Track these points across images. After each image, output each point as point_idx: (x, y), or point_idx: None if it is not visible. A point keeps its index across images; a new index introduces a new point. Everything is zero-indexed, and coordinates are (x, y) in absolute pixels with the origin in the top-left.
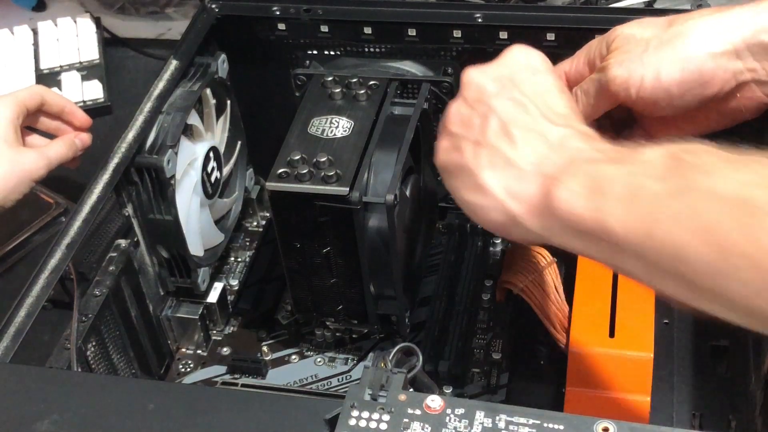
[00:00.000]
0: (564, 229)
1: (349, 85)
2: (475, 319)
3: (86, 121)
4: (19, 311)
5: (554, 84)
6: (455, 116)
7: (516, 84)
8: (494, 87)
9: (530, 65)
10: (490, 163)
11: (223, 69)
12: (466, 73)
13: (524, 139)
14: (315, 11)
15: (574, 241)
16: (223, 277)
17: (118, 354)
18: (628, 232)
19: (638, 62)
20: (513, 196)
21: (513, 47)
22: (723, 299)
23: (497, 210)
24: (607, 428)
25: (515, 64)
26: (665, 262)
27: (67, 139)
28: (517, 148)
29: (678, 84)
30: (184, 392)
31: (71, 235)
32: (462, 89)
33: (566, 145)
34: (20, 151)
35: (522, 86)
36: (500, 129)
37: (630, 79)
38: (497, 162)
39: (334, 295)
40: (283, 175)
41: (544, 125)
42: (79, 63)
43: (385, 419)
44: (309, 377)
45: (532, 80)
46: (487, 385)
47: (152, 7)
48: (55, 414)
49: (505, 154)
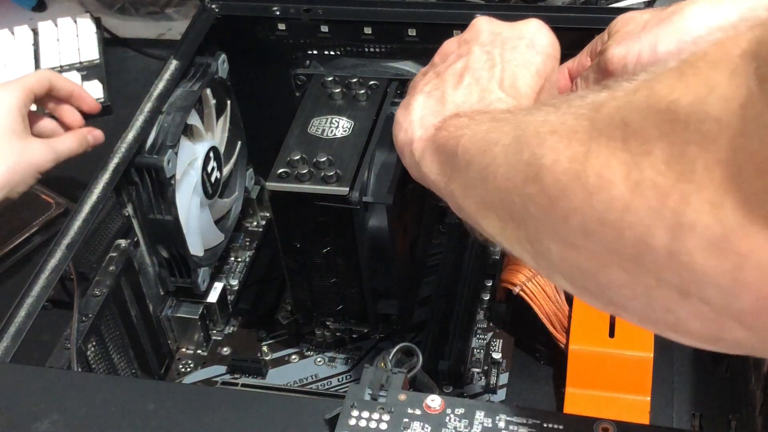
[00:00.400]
0: (428, 154)
1: (349, 85)
2: (475, 319)
3: (95, 106)
4: (19, 311)
5: (537, 65)
6: (443, 48)
7: (504, 47)
8: (486, 39)
9: (531, 40)
10: (429, 92)
11: (223, 69)
12: (477, 17)
13: (466, 88)
14: (315, 11)
15: (432, 167)
16: (223, 277)
17: (118, 354)
18: (465, 152)
19: (636, 39)
20: (421, 125)
21: (532, 21)
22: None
23: (404, 131)
24: (607, 428)
25: (521, 33)
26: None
27: (79, 135)
28: (455, 91)
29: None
30: (184, 392)
31: (71, 235)
32: (467, 28)
33: (492, 105)
34: (28, 142)
35: (506, 51)
36: (459, 71)
37: (628, 55)
38: (434, 94)
39: (333, 295)
40: (283, 175)
41: (492, 86)
42: (79, 63)
43: (385, 419)
44: (309, 377)
45: (519, 51)
46: (487, 385)
47: (152, 7)
48: (55, 414)
49: (444, 90)
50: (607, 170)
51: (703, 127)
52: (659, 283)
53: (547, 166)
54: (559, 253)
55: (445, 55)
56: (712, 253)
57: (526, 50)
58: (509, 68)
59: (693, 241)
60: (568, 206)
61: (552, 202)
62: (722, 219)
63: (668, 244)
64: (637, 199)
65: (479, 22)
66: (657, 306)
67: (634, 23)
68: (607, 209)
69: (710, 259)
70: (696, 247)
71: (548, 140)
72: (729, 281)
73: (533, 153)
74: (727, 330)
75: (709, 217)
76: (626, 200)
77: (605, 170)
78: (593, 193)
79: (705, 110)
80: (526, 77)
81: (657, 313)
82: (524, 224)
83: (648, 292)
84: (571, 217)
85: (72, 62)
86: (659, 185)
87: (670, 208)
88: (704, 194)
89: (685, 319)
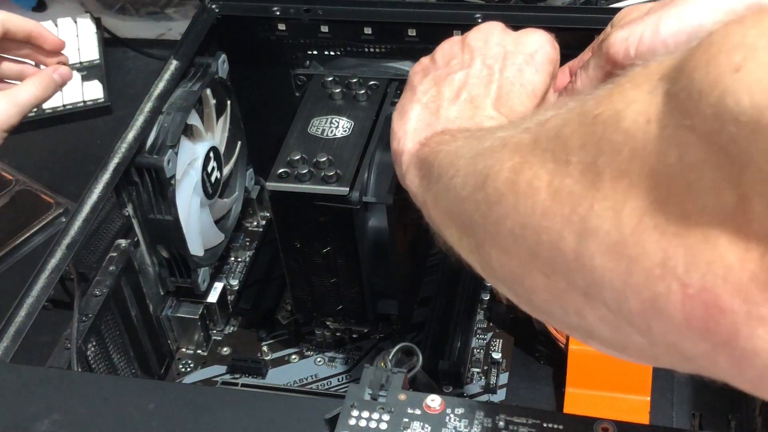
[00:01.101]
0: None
1: (349, 85)
2: (475, 319)
3: (57, 43)
4: (19, 311)
5: (534, 84)
6: (447, 46)
7: (507, 62)
8: (490, 50)
9: (534, 57)
10: (426, 103)
11: (223, 69)
12: (490, 22)
13: (462, 103)
14: (315, 11)
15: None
16: (223, 277)
17: (118, 354)
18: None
19: (639, 22)
20: (412, 138)
21: (538, 33)
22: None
23: (397, 141)
24: (607, 428)
25: (526, 47)
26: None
27: (41, 78)
28: (451, 106)
29: (675, 35)
30: (184, 392)
31: (71, 235)
32: (473, 29)
33: (482, 125)
34: None
35: (508, 67)
36: (457, 85)
37: (630, 37)
38: (431, 106)
39: (334, 295)
40: (283, 175)
41: (486, 104)
42: (79, 63)
43: (385, 419)
44: (309, 377)
45: (520, 69)
46: (487, 385)
47: (152, 7)
48: (55, 414)
49: (440, 104)
50: (535, 179)
51: (613, 138)
52: (569, 286)
53: (492, 176)
54: (497, 259)
55: (446, 56)
56: (609, 256)
57: (526, 67)
58: (506, 86)
59: (594, 245)
60: (501, 211)
61: (490, 208)
62: (620, 225)
63: (575, 248)
64: (554, 205)
65: (487, 29)
66: (570, 310)
67: (637, 11)
68: (530, 214)
69: (607, 262)
70: (596, 252)
71: (498, 152)
72: (620, 284)
73: (485, 164)
74: (626, 335)
75: (609, 223)
76: (546, 206)
77: (534, 179)
78: (521, 199)
79: (618, 123)
80: (522, 97)
81: (572, 318)
82: (473, 232)
83: (562, 296)
84: (502, 222)
85: (72, 62)
86: (573, 193)
87: (578, 214)
88: (608, 202)
89: (594, 323)
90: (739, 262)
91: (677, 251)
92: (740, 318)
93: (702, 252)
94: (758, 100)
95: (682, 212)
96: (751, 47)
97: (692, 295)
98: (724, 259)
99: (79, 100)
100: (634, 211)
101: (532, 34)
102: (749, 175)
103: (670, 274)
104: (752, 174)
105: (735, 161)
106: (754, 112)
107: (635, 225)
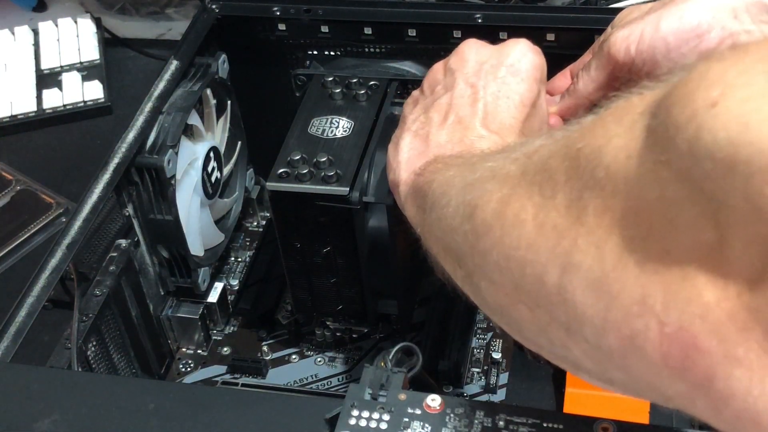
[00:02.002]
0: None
1: (349, 85)
2: (475, 319)
3: None
4: (20, 311)
5: (520, 94)
6: (431, 74)
7: (489, 77)
8: (472, 68)
9: (516, 69)
10: (416, 131)
11: (223, 69)
12: (466, 41)
13: (450, 127)
14: (315, 11)
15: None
16: (223, 277)
17: (118, 354)
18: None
19: (639, 21)
20: (406, 168)
21: (518, 42)
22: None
23: (393, 172)
24: (607, 428)
25: (506, 58)
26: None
27: None
28: (440, 131)
29: (675, 32)
30: (184, 392)
31: (71, 235)
32: (453, 52)
33: (473, 145)
34: None
35: (491, 82)
36: (444, 108)
37: (630, 36)
38: (420, 133)
39: (334, 295)
40: (283, 175)
41: (475, 124)
42: (79, 63)
43: (385, 419)
44: (309, 377)
45: (504, 81)
46: (487, 385)
47: (152, 7)
48: (55, 414)
49: (429, 130)
50: (522, 211)
51: (596, 174)
52: (552, 320)
53: (481, 206)
54: (486, 289)
55: (432, 84)
56: (590, 292)
57: (510, 78)
58: (492, 103)
59: (576, 280)
60: (488, 243)
61: (478, 239)
62: (602, 260)
63: (558, 282)
64: (539, 238)
65: (464, 49)
66: (556, 343)
67: (638, 11)
68: (515, 246)
69: (588, 298)
70: (578, 287)
71: (486, 183)
72: (600, 320)
73: (474, 195)
74: (608, 370)
75: (592, 258)
76: (531, 239)
77: (521, 211)
78: (507, 231)
79: (599, 158)
80: (510, 109)
81: (559, 350)
82: (464, 262)
83: (546, 329)
84: (489, 254)
85: (72, 62)
86: (558, 227)
87: (562, 248)
88: (592, 237)
89: (579, 357)
90: (717, 301)
91: (656, 289)
92: (717, 359)
93: (680, 290)
94: (734, 137)
95: (662, 249)
96: (729, 84)
97: (670, 334)
98: (701, 298)
99: (79, 100)
100: (616, 248)
101: (512, 44)
102: (726, 213)
103: (648, 312)
104: (728, 212)
105: (711, 198)
106: (729, 148)
107: (616, 261)
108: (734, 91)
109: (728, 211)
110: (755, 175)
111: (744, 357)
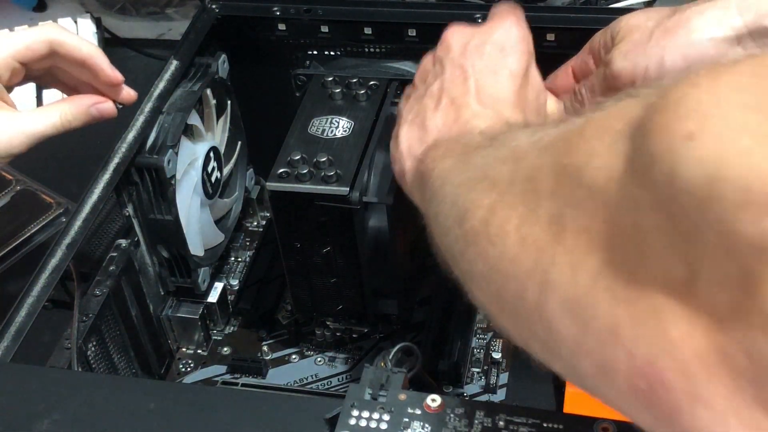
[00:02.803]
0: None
1: (349, 85)
2: (475, 319)
3: (110, 78)
4: (20, 311)
5: (508, 67)
6: (421, 68)
7: (476, 55)
8: (458, 51)
9: (501, 43)
10: (411, 120)
11: (223, 69)
12: (449, 28)
13: (444, 109)
14: (315, 11)
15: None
16: (224, 277)
17: (118, 354)
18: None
19: (642, 54)
20: (409, 156)
21: (501, 21)
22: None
23: (397, 162)
24: (607, 428)
25: (490, 36)
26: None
27: (69, 107)
28: (435, 114)
29: (680, 68)
30: (184, 392)
31: (71, 235)
32: (439, 42)
33: (470, 123)
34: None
35: (478, 60)
36: (436, 93)
37: (635, 71)
38: (416, 121)
39: (334, 295)
40: (283, 175)
41: (468, 101)
42: None
43: (385, 419)
44: (309, 377)
45: (491, 57)
46: (487, 384)
47: (152, 7)
48: (55, 414)
49: (425, 116)
50: (506, 222)
51: (577, 193)
52: (531, 335)
53: (471, 211)
54: (475, 295)
55: (423, 75)
56: (565, 314)
57: (497, 53)
58: (482, 79)
59: (553, 300)
60: (475, 251)
61: (467, 246)
62: (576, 282)
63: (537, 298)
64: (521, 252)
65: (447, 36)
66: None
67: (639, 33)
68: (499, 258)
69: (564, 319)
70: (555, 307)
71: (477, 187)
72: (574, 344)
73: (465, 198)
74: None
75: (567, 279)
76: (513, 252)
77: (506, 222)
78: (492, 242)
79: (580, 177)
80: (500, 82)
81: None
82: (456, 263)
83: (527, 342)
84: (475, 262)
85: None
86: (538, 242)
87: (542, 265)
88: (569, 257)
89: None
90: (683, 337)
91: (626, 318)
92: (682, 396)
93: (648, 323)
94: (710, 172)
95: (633, 278)
96: (704, 115)
97: (638, 367)
98: (668, 334)
99: None
100: (591, 270)
101: (494, 21)
102: (697, 248)
103: (619, 342)
104: (700, 247)
105: (684, 232)
106: (705, 183)
107: (590, 285)
108: (710, 124)
109: (701, 246)
110: (729, 211)
111: (709, 398)
